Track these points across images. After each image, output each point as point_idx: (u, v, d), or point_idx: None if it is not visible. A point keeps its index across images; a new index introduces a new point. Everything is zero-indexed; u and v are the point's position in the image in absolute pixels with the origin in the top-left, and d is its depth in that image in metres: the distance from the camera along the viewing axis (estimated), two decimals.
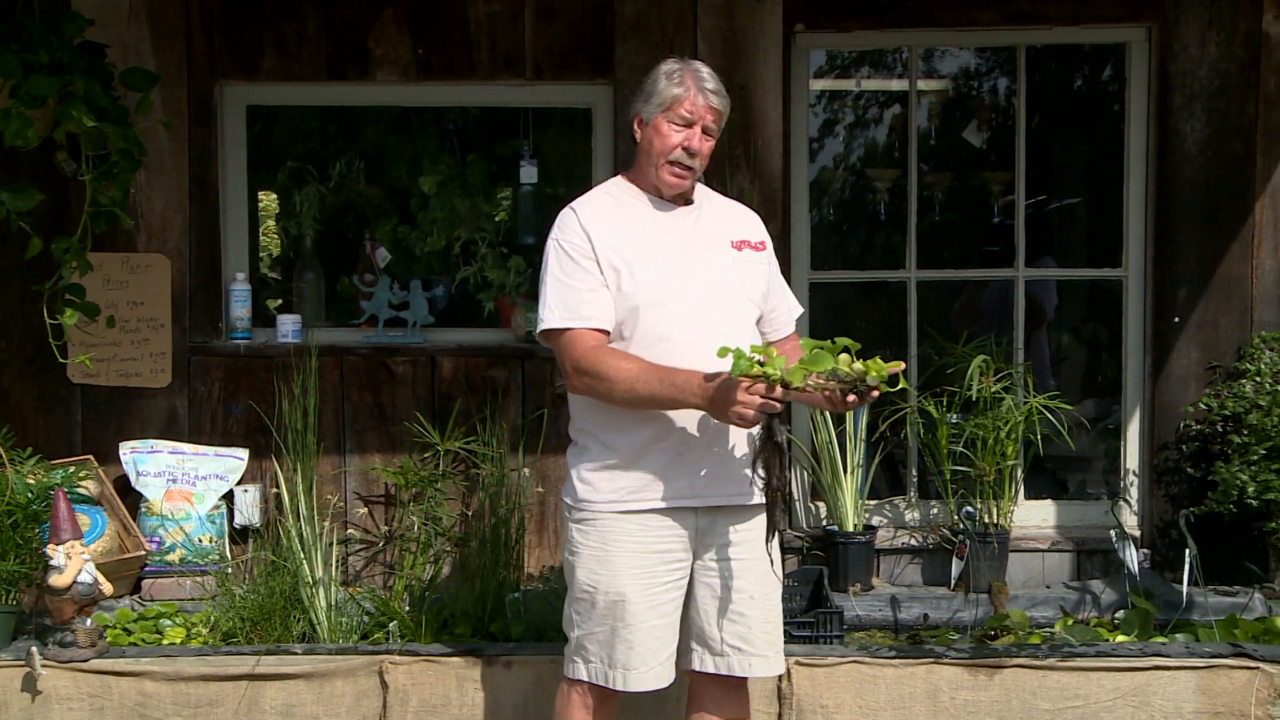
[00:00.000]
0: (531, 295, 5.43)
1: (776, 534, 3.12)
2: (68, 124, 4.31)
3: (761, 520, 3.23)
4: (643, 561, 3.17)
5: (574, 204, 3.31)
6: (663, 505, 3.17)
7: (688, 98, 3.17)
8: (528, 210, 5.80)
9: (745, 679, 3.34)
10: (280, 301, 6.29)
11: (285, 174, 6.12)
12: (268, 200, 7.03)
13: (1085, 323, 7.12)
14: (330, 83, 5.25)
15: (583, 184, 5.36)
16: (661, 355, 3.09)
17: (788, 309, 3.46)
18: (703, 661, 3.28)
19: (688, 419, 3.14)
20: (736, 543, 3.24)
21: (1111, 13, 5.24)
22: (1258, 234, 5.15)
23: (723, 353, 2.92)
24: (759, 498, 3.18)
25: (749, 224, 3.41)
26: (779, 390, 2.87)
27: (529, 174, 5.65)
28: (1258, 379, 4.98)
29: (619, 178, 3.37)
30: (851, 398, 2.91)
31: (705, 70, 3.22)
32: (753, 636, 3.26)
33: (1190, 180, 5.16)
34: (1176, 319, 5.19)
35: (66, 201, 4.94)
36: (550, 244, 3.26)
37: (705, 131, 3.21)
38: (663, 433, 3.15)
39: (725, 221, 3.35)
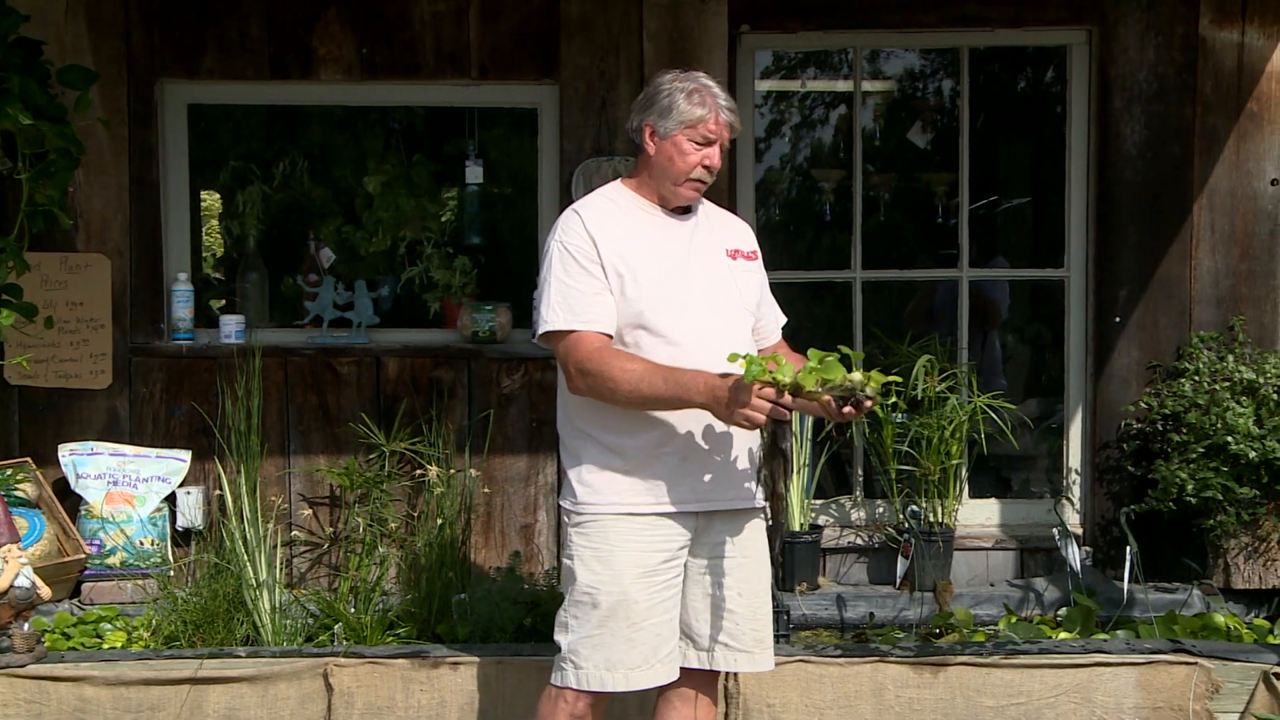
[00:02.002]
0: (477, 295, 5.42)
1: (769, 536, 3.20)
2: (3, 122, 4.24)
3: (753, 522, 3.31)
4: (645, 560, 3.17)
5: (577, 207, 3.29)
6: (665, 510, 3.18)
7: (711, 118, 3.19)
8: (474, 210, 5.77)
9: (717, 673, 3.36)
10: (224, 302, 6.23)
11: (228, 173, 6.05)
12: (211, 200, 6.96)
13: (1030, 323, 7.19)
14: (273, 82, 5.21)
15: (529, 184, 5.39)
16: (665, 361, 3.11)
17: (775, 318, 3.51)
18: (686, 657, 3.30)
19: (691, 424, 3.16)
20: (729, 542, 3.27)
21: (1053, 15, 5.29)
22: (1196, 235, 5.22)
23: (733, 358, 2.96)
24: (753, 502, 3.27)
25: (742, 234, 3.44)
26: (787, 397, 2.90)
27: (475, 174, 5.63)
28: (1196, 378, 5.04)
29: (619, 183, 3.35)
30: (848, 409, 2.94)
31: (717, 86, 3.24)
32: (739, 633, 3.29)
33: (1130, 182, 5.23)
34: (1118, 319, 5.25)
35: (2, 200, 4.87)
36: (554, 245, 3.23)
37: (721, 148, 3.25)
38: (667, 438, 3.16)
39: (721, 231, 3.38)
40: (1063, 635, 4.50)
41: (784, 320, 3.54)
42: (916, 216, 7.52)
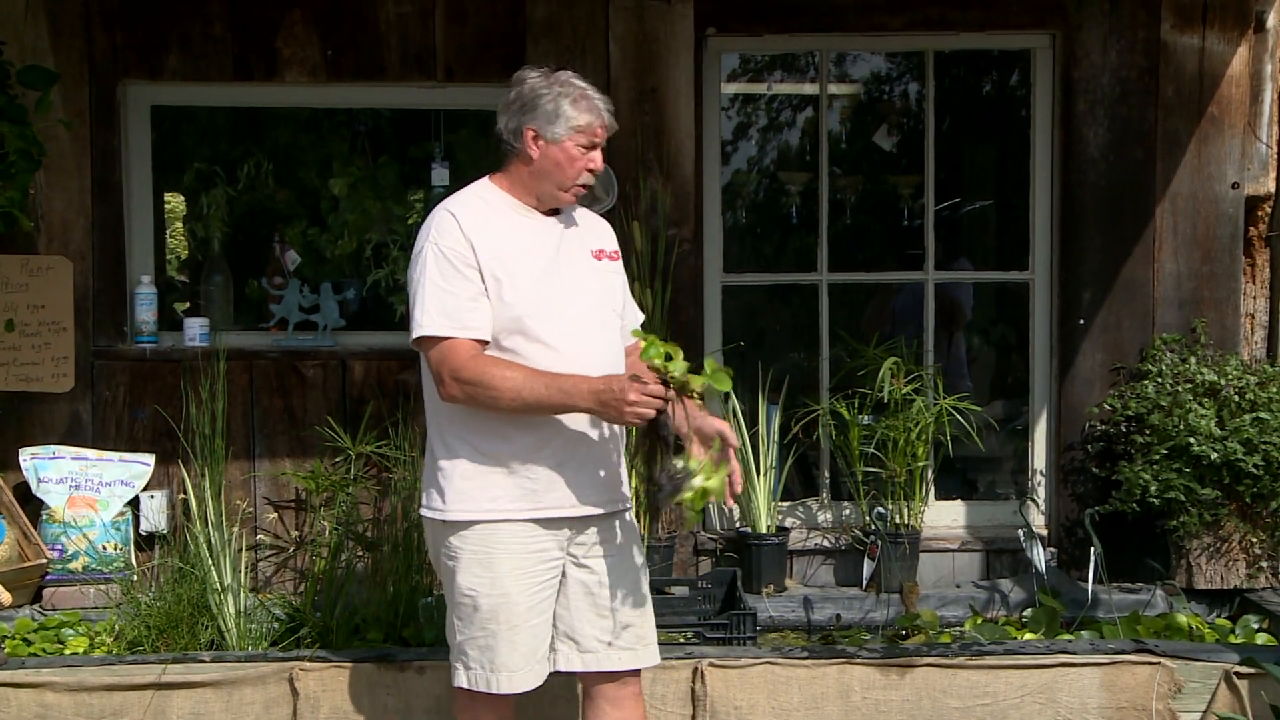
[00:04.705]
0: None
1: (646, 521, 3.20)
2: None
3: (626, 521, 3.32)
4: (523, 562, 3.17)
5: (449, 206, 3.22)
6: (542, 515, 3.18)
7: (598, 123, 3.19)
8: None
9: (637, 677, 3.35)
10: (188, 305, 6.19)
11: (192, 175, 6.02)
12: (175, 202, 6.91)
13: (995, 325, 7.23)
14: (237, 83, 5.18)
15: None
16: (544, 366, 3.10)
17: (635, 317, 3.48)
18: (569, 660, 3.27)
19: (567, 429, 3.15)
20: (606, 542, 3.27)
21: (1017, 19, 5.32)
22: (1158, 238, 5.26)
23: (637, 334, 3.04)
24: (625, 503, 3.30)
25: (605, 234, 3.42)
26: (672, 392, 2.95)
27: (441, 176, 5.61)
28: (1159, 380, 5.08)
29: (487, 181, 3.29)
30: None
31: (592, 88, 3.23)
32: (624, 631, 3.28)
33: (1094, 185, 5.26)
34: (1081, 321, 5.28)
35: None
36: (428, 247, 3.16)
37: (601, 151, 3.25)
38: (543, 442, 3.15)
39: (585, 232, 3.36)
40: (1028, 636, 4.52)
41: (642, 318, 3.52)
42: (883, 219, 7.54)
